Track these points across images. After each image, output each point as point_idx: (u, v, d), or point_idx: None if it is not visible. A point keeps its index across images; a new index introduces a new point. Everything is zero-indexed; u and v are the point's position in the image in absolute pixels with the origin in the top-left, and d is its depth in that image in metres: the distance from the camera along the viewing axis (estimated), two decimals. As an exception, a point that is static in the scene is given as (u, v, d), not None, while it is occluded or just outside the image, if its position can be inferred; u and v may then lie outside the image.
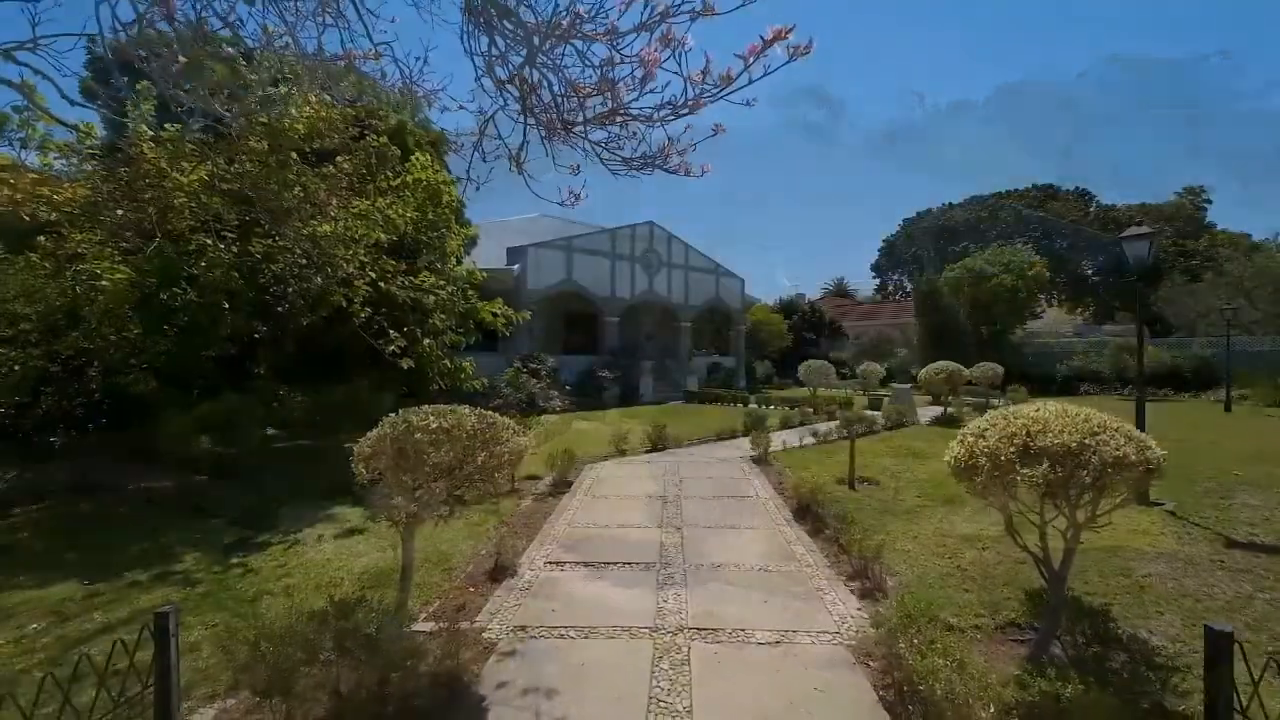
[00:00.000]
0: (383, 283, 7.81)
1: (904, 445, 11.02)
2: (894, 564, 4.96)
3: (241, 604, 4.25)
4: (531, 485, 8.04)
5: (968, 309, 27.17)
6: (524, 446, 3.52)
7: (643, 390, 21.79)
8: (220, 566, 5.09)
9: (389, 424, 3.16)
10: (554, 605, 4.17)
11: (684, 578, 4.64)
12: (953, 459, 3.48)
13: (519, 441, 3.45)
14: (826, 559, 5.16)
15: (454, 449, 3.06)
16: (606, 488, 7.73)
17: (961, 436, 3.53)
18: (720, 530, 5.91)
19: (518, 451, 3.45)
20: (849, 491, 7.54)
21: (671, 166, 3.42)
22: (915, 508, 6.83)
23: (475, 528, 6.02)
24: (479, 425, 3.23)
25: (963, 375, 15.11)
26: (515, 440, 3.42)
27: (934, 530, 6.01)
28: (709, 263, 27.14)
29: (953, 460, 3.48)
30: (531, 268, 20.17)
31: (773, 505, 6.85)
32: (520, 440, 3.47)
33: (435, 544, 5.48)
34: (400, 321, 8.15)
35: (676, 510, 6.62)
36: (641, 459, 9.81)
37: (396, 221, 8.01)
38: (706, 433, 12.37)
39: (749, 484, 7.90)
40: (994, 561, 5.08)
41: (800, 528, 6.03)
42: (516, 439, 3.45)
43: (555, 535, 5.76)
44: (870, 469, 8.65)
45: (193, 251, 6.48)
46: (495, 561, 4.90)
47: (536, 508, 6.87)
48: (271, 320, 7.13)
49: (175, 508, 7.16)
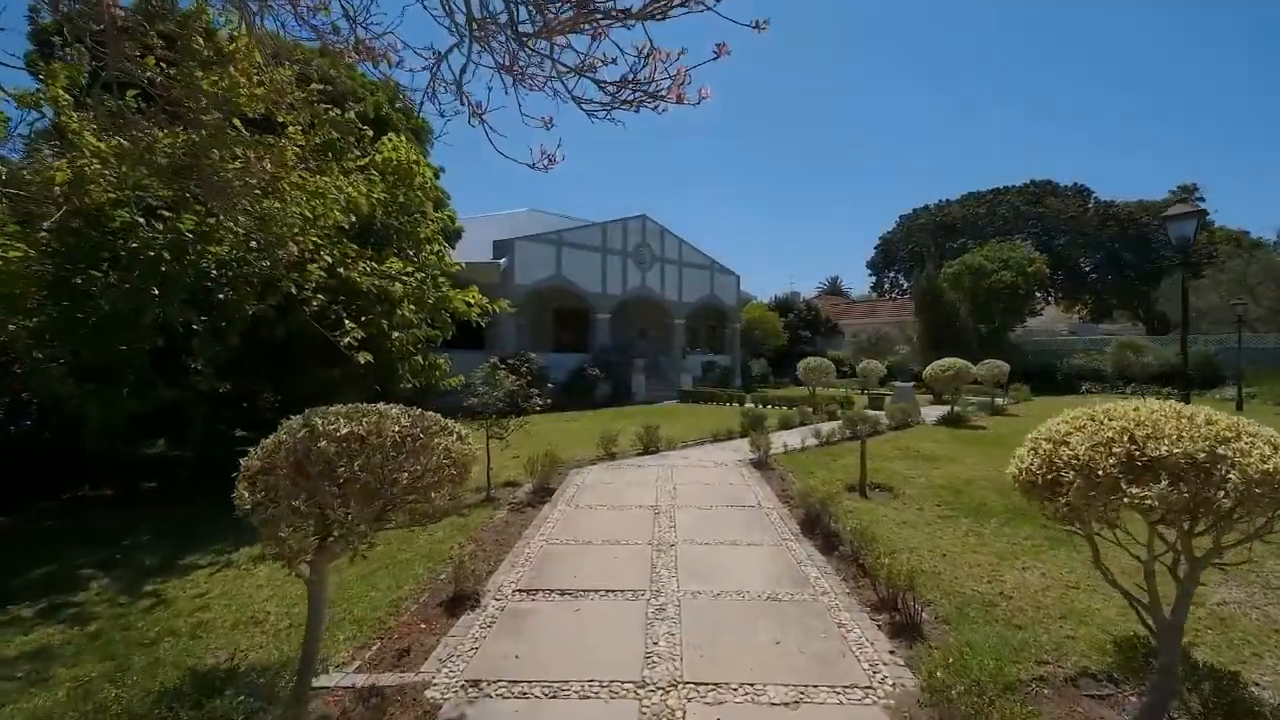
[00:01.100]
0: (342, 268, 7.01)
1: (912, 447, 10.31)
2: (924, 588, 4.21)
3: (134, 649, 3.45)
4: (509, 493, 7.27)
5: (968, 306, 26.57)
6: (471, 455, 2.75)
7: (635, 389, 21.03)
8: (129, 597, 4.29)
9: (286, 430, 2.39)
10: (519, 649, 3.40)
11: (678, 610, 3.88)
12: (1022, 471, 2.73)
13: (463, 449, 2.67)
14: (844, 583, 4.41)
15: (374, 461, 2.29)
16: (592, 496, 6.97)
17: (1032, 442, 2.79)
18: (719, 547, 5.15)
19: (463, 462, 2.68)
20: (860, 500, 6.81)
21: (662, 93, 2.67)
22: (937, 519, 6.10)
23: (438, 545, 5.24)
24: (408, 430, 2.46)
25: (970, 373, 14.43)
26: (459, 448, 2.65)
27: (962, 545, 5.28)
28: (704, 258, 26.40)
29: (1022, 473, 2.73)
30: (519, 262, 19.36)
31: (777, 516, 6.11)
32: (465, 448, 2.70)
33: (388, 564, 4.70)
34: (363, 312, 7.35)
35: (670, 522, 5.86)
36: (632, 463, 9.04)
37: (359, 201, 7.19)
38: (702, 434, 11.62)
39: (750, 491, 7.15)
40: (1040, 586, 4.35)
41: (809, 543, 5.29)
42: (460, 446, 2.67)
43: (530, 554, 4.99)
44: (881, 473, 7.93)
45: (117, 230, 5.68)
46: (454, 589, 4.12)
47: (512, 520, 6.09)
48: (214, 309, 6.34)
49: (102, 521, 6.35)
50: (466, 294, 7.90)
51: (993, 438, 11.61)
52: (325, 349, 6.71)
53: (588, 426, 13.11)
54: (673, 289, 24.96)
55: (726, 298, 27.57)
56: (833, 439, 10.73)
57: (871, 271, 54.93)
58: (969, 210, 46.11)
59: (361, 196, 7.43)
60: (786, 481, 7.67)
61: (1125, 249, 40.98)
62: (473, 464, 2.80)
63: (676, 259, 25.13)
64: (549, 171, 4.38)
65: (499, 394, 7.08)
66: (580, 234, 21.61)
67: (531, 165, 4.41)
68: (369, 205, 7.49)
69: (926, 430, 12.76)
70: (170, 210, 6.10)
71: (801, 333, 34.37)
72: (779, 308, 35.34)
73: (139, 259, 5.69)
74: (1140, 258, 40.88)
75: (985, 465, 8.75)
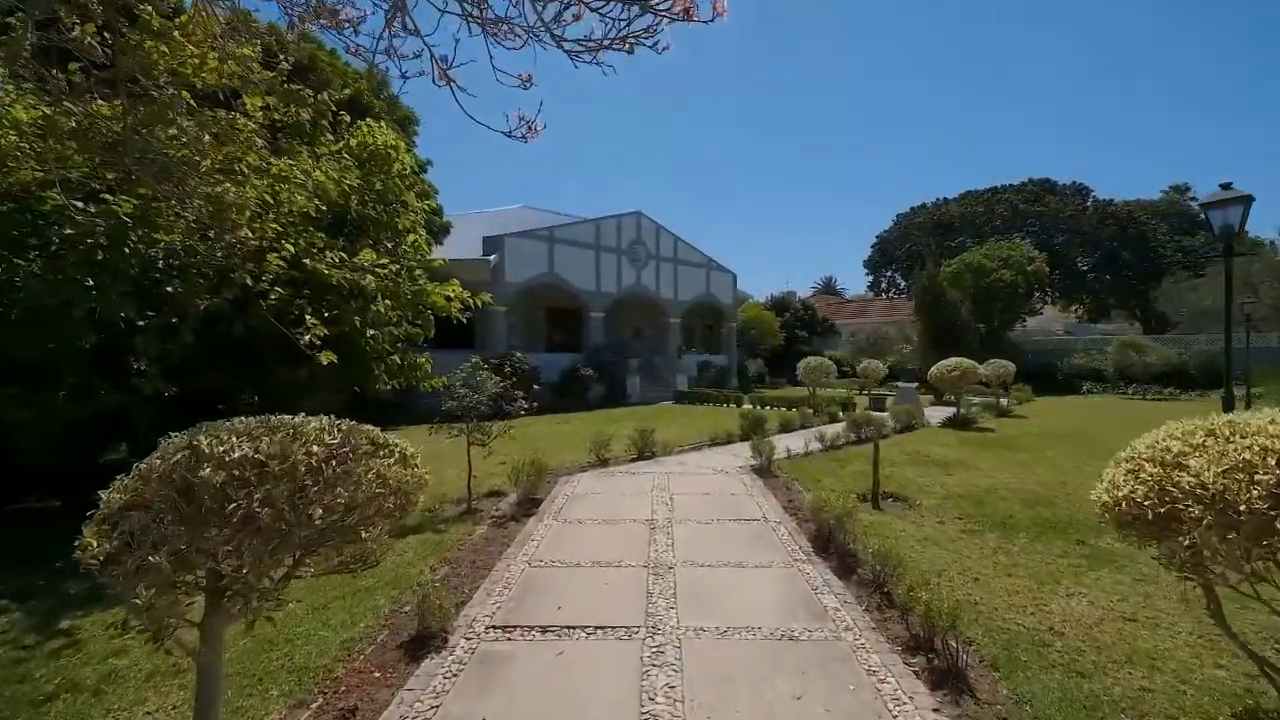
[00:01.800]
0: (308, 259, 6.39)
1: (922, 451, 9.78)
2: (962, 622, 3.65)
3: (19, 712, 2.85)
4: (493, 504, 6.68)
5: (969, 305, 26.14)
6: (417, 480, 2.17)
7: (630, 390, 20.45)
8: (38, 635, 3.68)
9: (163, 451, 1.80)
10: (488, 708, 2.82)
11: (678, 653, 3.30)
12: (1119, 501, 2.17)
13: (404, 475, 2.09)
14: (867, 614, 3.85)
15: (278, 494, 1.72)
16: (582, 508, 6.39)
17: (1130, 464, 2.23)
18: (723, 570, 4.59)
19: (405, 489, 2.10)
20: (873, 512, 6.26)
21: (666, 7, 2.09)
22: (960, 534, 5.55)
23: (407, 569, 4.65)
24: (331, 451, 1.88)
25: (977, 373, 13.92)
26: (398, 473, 2.07)
27: (993, 566, 4.73)
28: (700, 256, 25.85)
29: (1119, 503, 2.17)
30: (510, 259, 18.74)
31: (785, 532, 5.54)
32: (406, 473, 2.12)
33: (346, 593, 4.11)
34: (333, 308, 6.74)
35: (667, 540, 5.29)
36: (625, 469, 8.47)
37: (327, 187, 6.60)
38: (700, 437, 11.05)
39: (753, 502, 6.59)
40: (1092, 618, 3.80)
41: (824, 564, 4.72)
42: (400, 471, 2.09)
43: (510, 579, 4.41)
44: (892, 481, 7.39)
45: (48, 214, 5.06)
46: (417, 627, 3.54)
47: (492, 536, 5.50)
48: (164, 304, 5.73)
49: (39, 539, 5.73)
50: (445, 288, 7.29)
51: (1003, 441, 11.11)
52: (290, 347, 6.12)
53: (580, 429, 12.54)
54: (668, 287, 24.40)
55: (723, 296, 27.02)
56: (837, 443, 10.19)
57: (868, 271, 54.51)
58: (967, 209, 45.70)
59: (331, 182, 6.82)
60: (792, 491, 7.11)
61: (1124, 248, 40.67)
62: (420, 490, 2.23)
63: (672, 256, 24.57)
64: (529, 141, 3.79)
65: (480, 397, 6.49)
66: (573, 230, 21.01)
67: (508, 133, 3.82)
68: (338, 191, 6.88)
69: (933, 433, 12.25)
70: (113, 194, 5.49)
71: (798, 332, 33.88)
72: (775, 307, 34.83)
73: (75, 247, 5.07)
74: (1139, 257, 40.60)
75: (1002, 471, 8.23)
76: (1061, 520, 5.97)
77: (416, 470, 2.18)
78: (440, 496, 7.00)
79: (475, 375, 6.63)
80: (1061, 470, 8.38)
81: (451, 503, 6.79)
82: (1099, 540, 5.36)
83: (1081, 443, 10.85)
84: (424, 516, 6.25)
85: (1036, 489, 7.24)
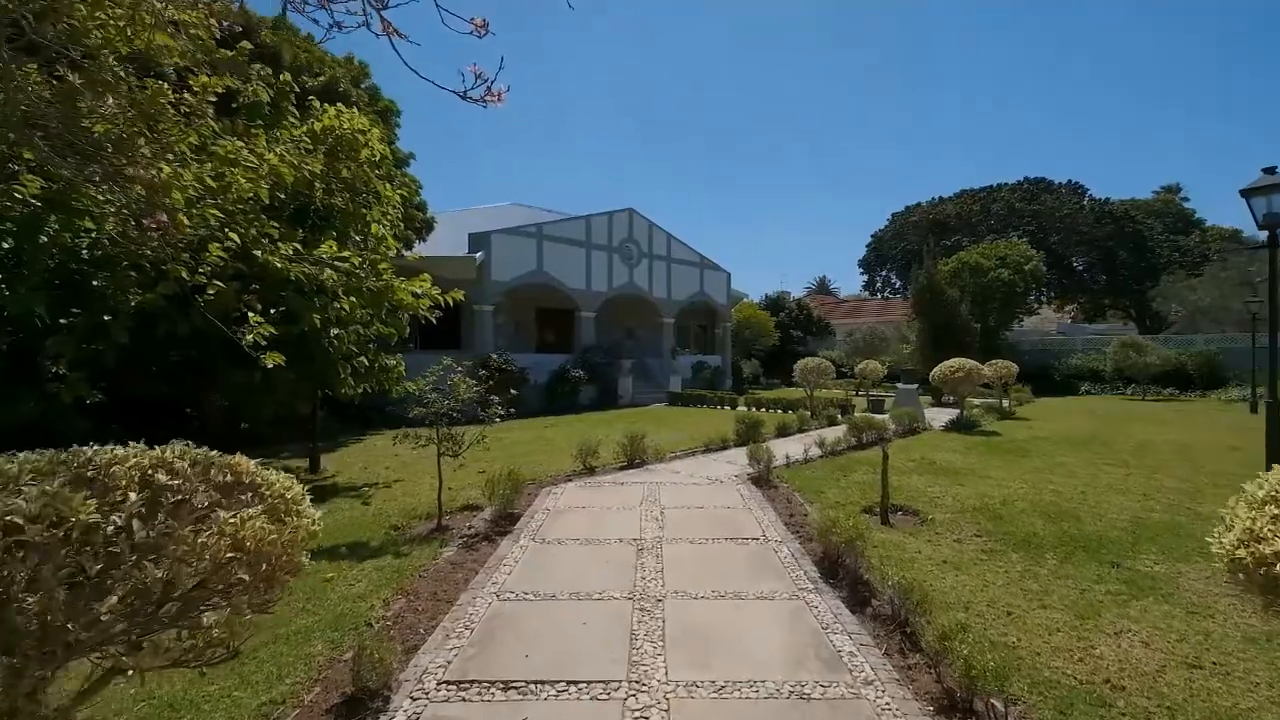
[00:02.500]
0: (259, 251, 5.78)
1: (927, 457, 9.24)
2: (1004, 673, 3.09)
3: None
4: (466, 520, 6.08)
5: (969, 304, 25.70)
6: (291, 541, 1.57)
7: (622, 391, 19.87)
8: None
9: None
10: (425, 804, 2.23)
11: (666, 718, 2.73)
12: (1254, 558, 1.60)
13: (265, 535, 1.49)
14: (888, 660, 3.28)
15: (43, 575, 1.12)
16: (563, 525, 5.80)
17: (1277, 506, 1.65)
18: (719, 604, 4.01)
19: (273, 554, 1.50)
20: (883, 528, 5.71)
21: None
22: (981, 555, 5.00)
23: (354, 605, 4.04)
24: (149, 501, 1.28)
25: (981, 374, 13.42)
26: (261, 532, 1.47)
27: (1023, 595, 4.18)
28: (693, 254, 25.27)
29: (1254, 559, 1.59)
30: (497, 256, 18.10)
31: (788, 553, 4.98)
32: (274, 532, 1.51)
33: (276, 637, 3.51)
34: (290, 304, 6.14)
35: (656, 564, 4.71)
36: (613, 479, 7.88)
37: (282, 171, 5.97)
38: (693, 442, 10.48)
39: (752, 517, 6.02)
40: (1152, 665, 3.24)
41: (834, 594, 4.16)
42: (262, 528, 1.49)
43: (473, 617, 3.81)
44: (900, 492, 6.84)
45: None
46: (353, 685, 2.94)
47: (460, 561, 4.90)
48: (93, 300, 5.11)
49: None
50: (413, 284, 6.67)
51: (1012, 446, 10.59)
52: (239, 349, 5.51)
53: (568, 434, 11.95)
54: (661, 286, 23.81)
55: (717, 295, 26.46)
56: (838, 448, 9.63)
57: (863, 270, 54.15)
58: (963, 207, 45.34)
59: (287, 167, 6.21)
60: (794, 504, 6.55)
61: (1120, 247, 40.42)
62: (302, 550, 1.63)
63: (665, 255, 23.98)
64: (489, 107, 3.25)
65: (450, 402, 5.89)
66: (562, 227, 20.39)
67: (463, 94, 3.28)
68: (296, 177, 6.25)
69: (936, 437, 11.72)
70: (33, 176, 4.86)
71: (793, 332, 33.37)
72: (769, 307, 34.31)
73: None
74: (1135, 256, 40.38)
75: (1016, 480, 7.70)
76: (1089, 537, 5.44)
77: (300, 521, 1.59)
78: (410, 512, 6.40)
79: (446, 379, 6.03)
80: (1079, 478, 7.86)
81: (422, 518, 6.19)
82: (1135, 561, 4.84)
83: (1095, 448, 10.35)
84: (387, 536, 5.65)
85: (1056, 500, 6.71)
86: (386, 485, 7.88)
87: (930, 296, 25.05)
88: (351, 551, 5.20)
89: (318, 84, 12.46)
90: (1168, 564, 4.78)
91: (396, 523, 6.08)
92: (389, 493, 7.44)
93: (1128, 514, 6.18)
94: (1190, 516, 6.07)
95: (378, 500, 7.07)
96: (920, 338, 25.60)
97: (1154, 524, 5.83)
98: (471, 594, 4.18)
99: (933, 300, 25.01)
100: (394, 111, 15.86)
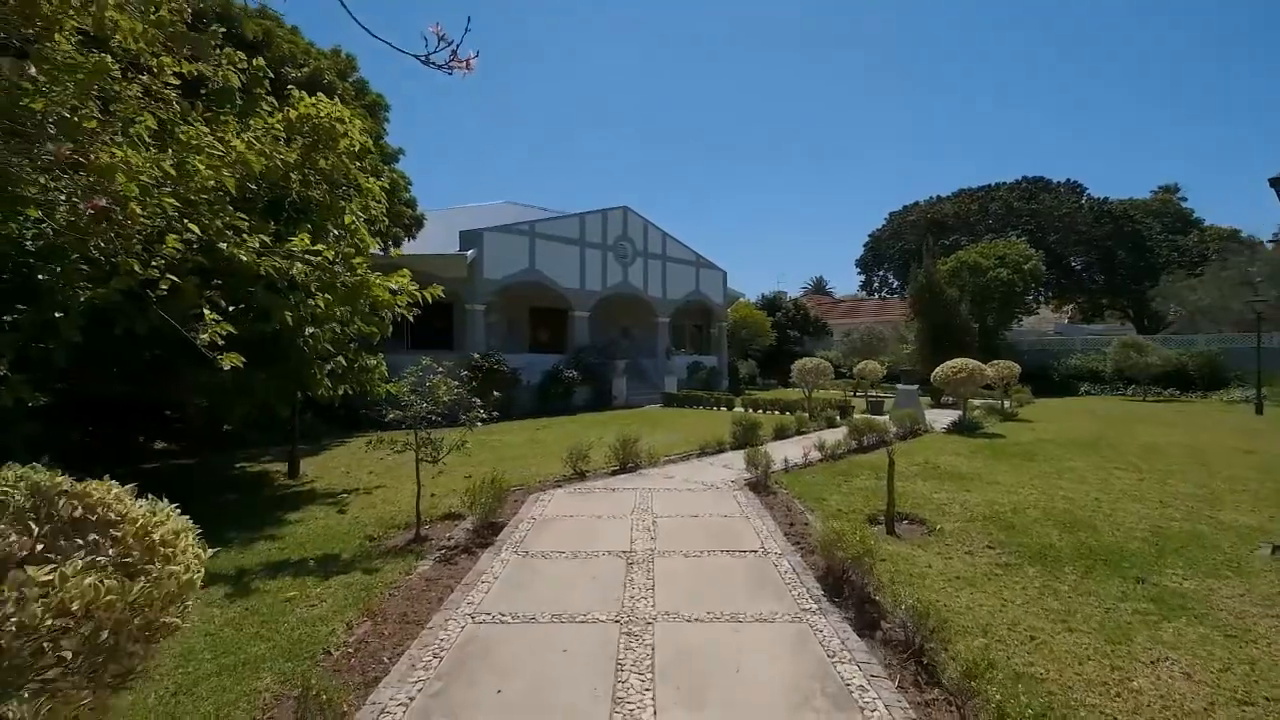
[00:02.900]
0: (223, 243, 5.40)
1: (931, 461, 8.92)
2: (1031, 709, 2.75)
3: None
4: (447, 530, 5.73)
5: (968, 304, 25.44)
6: (148, 597, 1.22)
7: (616, 392, 19.52)
8: None
9: None
10: None
11: (654, 772, 2.38)
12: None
13: (106, 594, 1.13)
14: (902, 696, 2.94)
15: None
16: (549, 536, 5.44)
17: None
18: (715, 626, 3.66)
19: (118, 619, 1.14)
20: (889, 539, 5.37)
21: None
22: (995, 569, 4.66)
23: (314, 629, 3.68)
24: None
25: (984, 374, 13.11)
26: (96, 592, 1.10)
27: (1044, 614, 3.84)
28: (689, 253, 24.94)
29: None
30: (489, 255, 17.72)
31: (789, 567, 4.63)
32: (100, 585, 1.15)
33: (222, 668, 3.14)
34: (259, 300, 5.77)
35: (646, 579, 4.36)
36: (604, 484, 7.52)
37: (250, 159, 5.61)
38: (688, 445, 10.15)
39: (749, 527, 5.68)
40: (1199, 701, 2.90)
41: (839, 615, 3.82)
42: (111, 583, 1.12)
43: (444, 642, 3.45)
44: (905, 498, 6.51)
45: None
46: (298, 729, 2.58)
47: (436, 576, 4.54)
48: (41, 295, 4.74)
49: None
50: (390, 279, 6.30)
51: (1016, 448, 10.28)
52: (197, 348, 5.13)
53: (560, 436, 11.60)
54: (656, 285, 23.47)
55: (713, 294, 26.13)
56: (838, 451, 9.31)
57: (860, 270, 53.91)
58: (961, 207, 45.11)
59: (255, 156, 5.84)
60: (794, 512, 6.21)
61: (1119, 246, 40.25)
62: (169, 608, 1.27)
63: (660, 253, 23.65)
64: (455, 74, 2.89)
65: (429, 404, 5.54)
66: (556, 225, 20.03)
67: (424, 58, 2.92)
68: (265, 166, 5.89)
69: (939, 439, 11.41)
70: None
71: (790, 332, 33.08)
72: (766, 307, 34.02)
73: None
74: (1134, 256, 40.21)
75: (1025, 486, 7.37)
76: (1108, 549, 5.11)
77: (171, 569, 1.23)
78: (387, 521, 6.05)
79: (425, 380, 5.67)
80: (1090, 484, 7.54)
81: (400, 528, 5.83)
82: (1161, 576, 4.51)
83: (1103, 451, 10.04)
84: (361, 548, 5.29)
85: (1069, 508, 6.39)
86: (367, 491, 7.51)
87: (929, 296, 24.77)
88: (320, 565, 4.84)
89: (302, 75, 12.06)
90: (1196, 579, 4.46)
91: (372, 533, 5.72)
92: (368, 499, 7.07)
93: (1146, 523, 5.86)
94: (1213, 526, 5.76)
95: (355, 508, 6.70)
96: (919, 338, 25.34)
97: (1176, 534, 5.51)
98: (444, 615, 3.82)
99: (932, 300, 24.74)
100: (383, 105, 15.46)
